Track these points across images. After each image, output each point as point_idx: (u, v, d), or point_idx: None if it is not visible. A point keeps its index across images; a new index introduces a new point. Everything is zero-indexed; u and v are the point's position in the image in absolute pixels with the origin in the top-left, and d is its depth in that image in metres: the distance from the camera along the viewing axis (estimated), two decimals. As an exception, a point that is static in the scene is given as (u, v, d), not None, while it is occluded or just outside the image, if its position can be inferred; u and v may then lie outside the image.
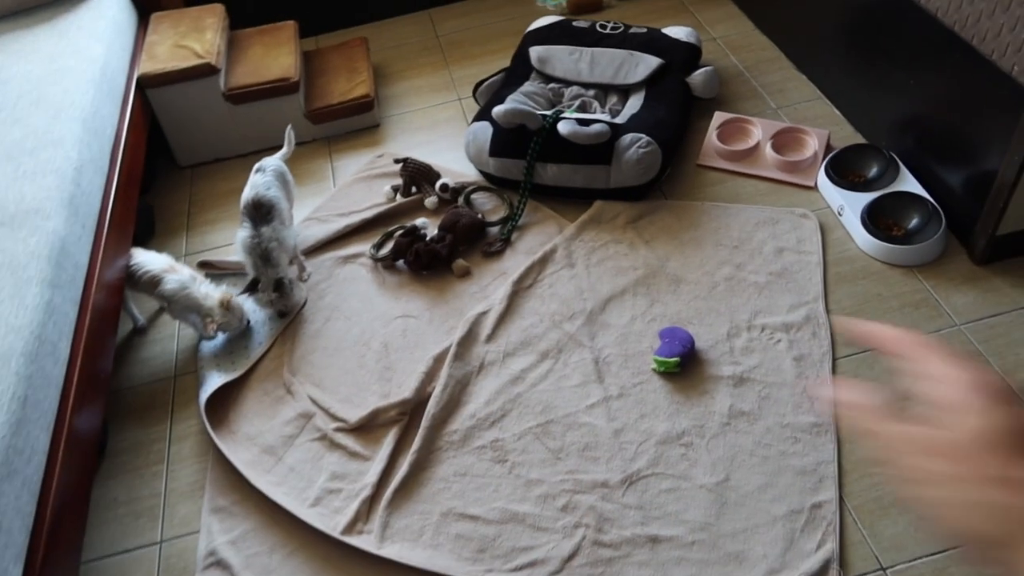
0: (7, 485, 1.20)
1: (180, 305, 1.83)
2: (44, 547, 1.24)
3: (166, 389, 1.85)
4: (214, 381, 1.78)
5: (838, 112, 2.24)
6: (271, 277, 1.83)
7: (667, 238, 1.96)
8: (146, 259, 1.85)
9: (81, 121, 1.81)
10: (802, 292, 1.79)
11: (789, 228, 1.94)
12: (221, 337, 1.89)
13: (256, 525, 1.57)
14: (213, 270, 2.06)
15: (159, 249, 1.91)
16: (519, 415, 1.66)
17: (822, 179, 2.01)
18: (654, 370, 1.69)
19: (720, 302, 1.80)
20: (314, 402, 1.74)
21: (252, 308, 1.93)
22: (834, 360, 1.67)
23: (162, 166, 2.41)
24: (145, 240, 2.20)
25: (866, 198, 1.89)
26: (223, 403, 1.78)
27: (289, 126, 2.08)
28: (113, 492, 1.68)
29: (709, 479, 1.51)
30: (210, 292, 1.84)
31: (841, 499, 1.46)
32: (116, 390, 1.87)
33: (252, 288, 1.86)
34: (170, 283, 1.81)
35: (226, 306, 1.81)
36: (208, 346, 1.88)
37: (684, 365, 1.67)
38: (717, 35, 2.60)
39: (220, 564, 1.52)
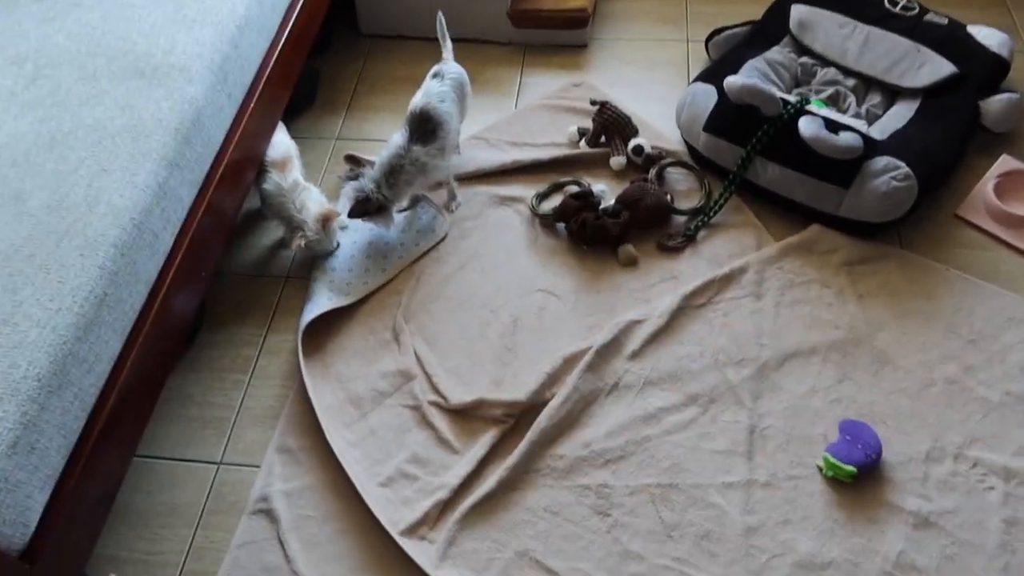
0: (56, 399, 1.05)
1: (271, 208, 1.63)
2: (78, 479, 1.10)
3: (274, 289, 1.68)
4: (321, 303, 1.58)
5: None
6: (382, 193, 1.58)
7: (887, 299, 1.56)
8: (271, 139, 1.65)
9: (260, -33, 1.57)
10: (1043, 432, 1.38)
11: (1052, 338, 1.50)
12: (342, 251, 1.69)
13: (317, 483, 1.40)
14: (357, 167, 1.83)
15: (314, 122, 1.70)
16: (640, 464, 1.38)
17: (1118, 286, 1.53)
18: (819, 468, 1.36)
19: (930, 408, 1.42)
20: (419, 361, 1.52)
21: (375, 226, 1.69)
22: (1058, 540, 1.28)
23: (341, 30, 2.16)
24: (302, 108, 1.99)
25: None
26: (326, 327, 1.59)
27: (440, 14, 1.75)
28: (191, 388, 1.55)
29: (845, 637, 1.20)
30: (309, 204, 1.62)
31: None
32: (223, 272, 1.71)
33: (354, 178, 1.63)
34: (267, 182, 1.61)
35: (324, 223, 1.59)
36: (328, 258, 1.68)
37: (860, 476, 1.33)
38: (1035, 46, 2.03)
39: (269, 514, 1.37)
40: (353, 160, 1.85)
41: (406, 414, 1.47)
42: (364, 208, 1.58)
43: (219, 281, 1.70)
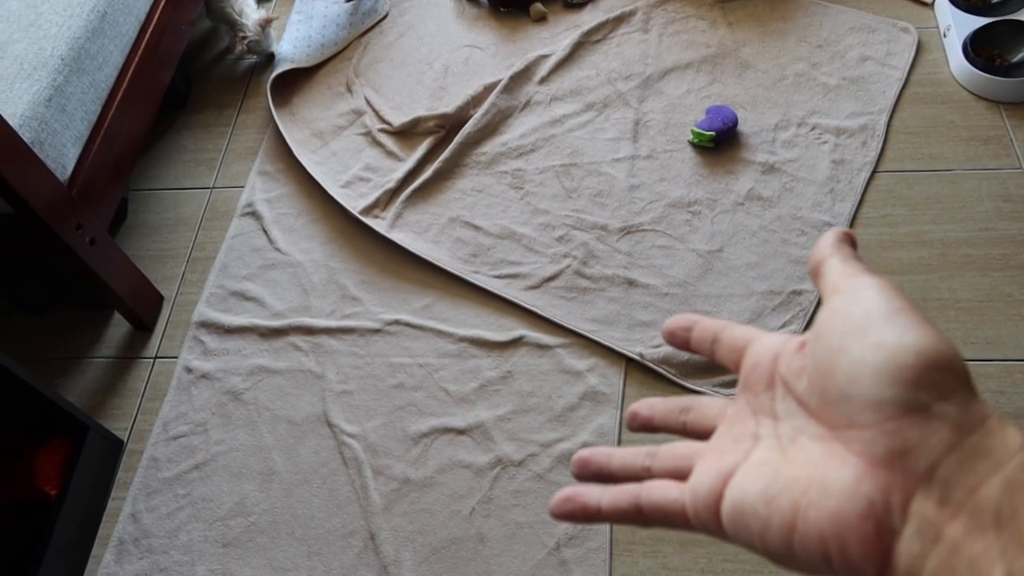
0: (76, 79, 1.39)
1: (214, 14, 1.92)
2: (99, 144, 1.44)
3: (249, 65, 2.01)
4: (285, 65, 1.91)
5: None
6: None
7: (752, 24, 1.88)
8: None
9: None
10: (869, 102, 1.71)
11: (883, 39, 1.81)
12: (298, 33, 2.00)
13: (292, 192, 1.75)
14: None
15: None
16: (547, 153, 1.72)
17: (942, -3, 1.84)
18: (689, 141, 1.69)
19: (781, 94, 1.75)
20: (368, 103, 1.86)
21: (327, 12, 2.00)
22: (874, 172, 1.62)
23: None
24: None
25: (979, 22, 1.73)
26: (290, 88, 1.92)
27: None
28: (184, 141, 1.89)
29: (703, 246, 1.55)
30: (247, 9, 1.89)
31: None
32: (204, 58, 2.04)
33: None
34: None
35: (263, 26, 1.89)
36: (287, 43, 2.00)
37: (719, 141, 1.67)
38: None
39: (254, 215, 1.72)
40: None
41: (359, 139, 1.81)
42: None
43: (201, 65, 2.02)
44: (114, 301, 1.51)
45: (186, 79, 1.96)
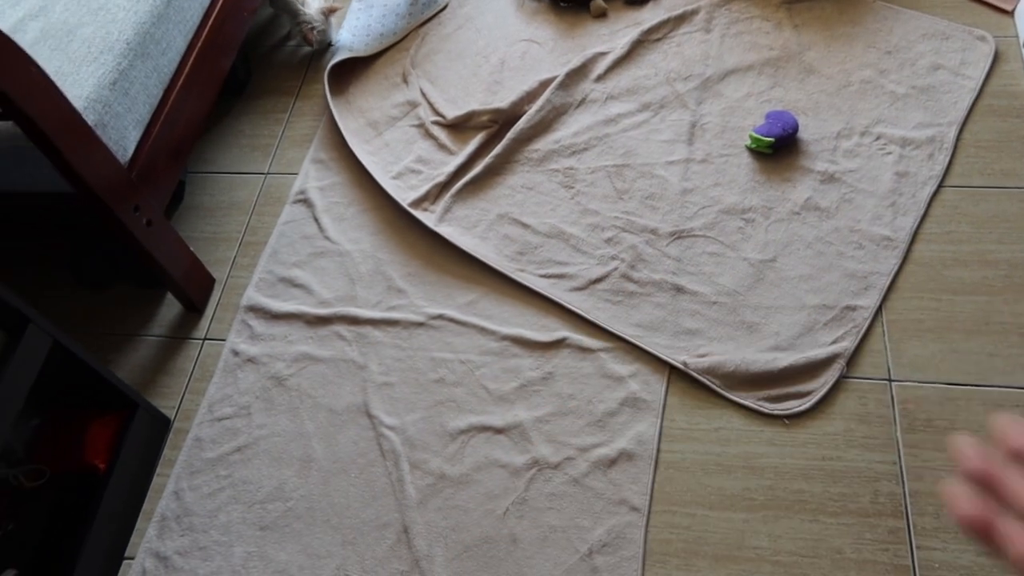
0: (140, 63, 1.42)
1: (278, 4, 1.93)
2: (160, 128, 1.47)
3: (308, 53, 2.03)
4: (343, 54, 1.92)
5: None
6: None
7: (819, 27, 1.83)
8: None
9: None
10: (940, 113, 1.65)
11: (958, 47, 1.74)
12: (358, 21, 2.01)
13: (344, 181, 1.76)
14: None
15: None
16: (600, 152, 1.70)
17: (1023, 5, 1.76)
18: (747, 146, 1.65)
19: (845, 101, 1.69)
20: (423, 94, 1.86)
21: (388, 1, 2.01)
22: (939, 186, 1.56)
23: None
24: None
25: (1062, 32, 1.66)
26: (348, 76, 1.94)
27: None
28: (242, 125, 1.91)
29: (756, 255, 1.51)
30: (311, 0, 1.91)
31: (879, 309, 1.43)
32: (265, 45, 2.07)
33: None
34: None
35: (327, 15, 1.89)
36: (347, 31, 2.01)
37: (778, 148, 1.62)
38: None
39: (306, 202, 1.74)
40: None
41: (413, 131, 1.82)
42: None
43: (262, 50, 2.05)
44: (168, 282, 1.54)
45: (247, 65, 1.98)
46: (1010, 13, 1.80)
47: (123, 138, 1.37)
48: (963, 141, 1.61)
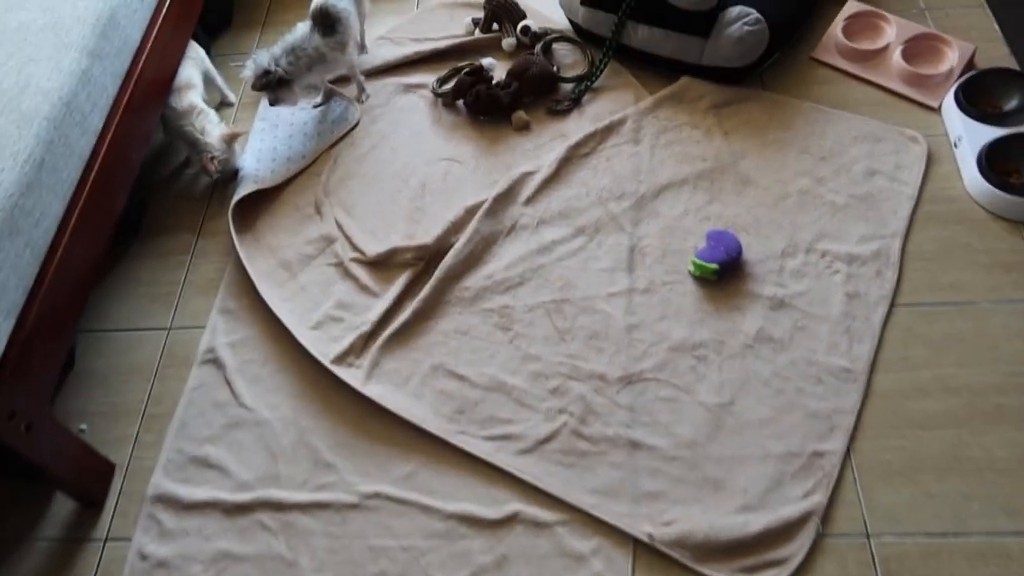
0: (8, 243, 1.23)
1: (171, 132, 1.78)
2: (35, 313, 1.28)
3: (209, 183, 1.85)
4: (249, 186, 1.76)
5: (996, 27, 1.91)
6: (280, 66, 1.71)
7: (749, 133, 1.76)
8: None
9: None
10: (881, 224, 1.59)
11: (891, 150, 1.70)
12: (262, 144, 1.86)
13: (257, 334, 1.59)
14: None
15: (233, 40, 1.86)
16: (536, 287, 1.58)
17: (948, 102, 1.74)
18: (690, 272, 1.56)
19: (785, 215, 1.63)
20: (340, 227, 1.71)
21: (294, 120, 1.86)
22: (891, 307, 1.49)
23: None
24: (220, 29, 2.15)
25: (992, 133, 1.63)
26: (255, 209, 1.77)
27: None
28: (137, 272, 1.72)
29: (712, 398, 1.41)
30: (211, 126, 1.75)
31: (848, 453, 1.34)
32: (160, 175, 1.88)
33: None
34: (173, 103, 1.75)
35: (228, 143, 1.74)
36: (251, 156, 1.84)
37: (723, 274, 1.54)
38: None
39: (216, 362, 1.56)
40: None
41: (330, 271, 1.66)
42: (266, 81, 1.70)
43: (156, 183, 1.87)
44: (55, 483, 1.34)
45: (140, 202, 1.79)
46: (936, 110, 1.77)
47: (-9, 336, 1.18)
48: (908, 254, 1.56)
